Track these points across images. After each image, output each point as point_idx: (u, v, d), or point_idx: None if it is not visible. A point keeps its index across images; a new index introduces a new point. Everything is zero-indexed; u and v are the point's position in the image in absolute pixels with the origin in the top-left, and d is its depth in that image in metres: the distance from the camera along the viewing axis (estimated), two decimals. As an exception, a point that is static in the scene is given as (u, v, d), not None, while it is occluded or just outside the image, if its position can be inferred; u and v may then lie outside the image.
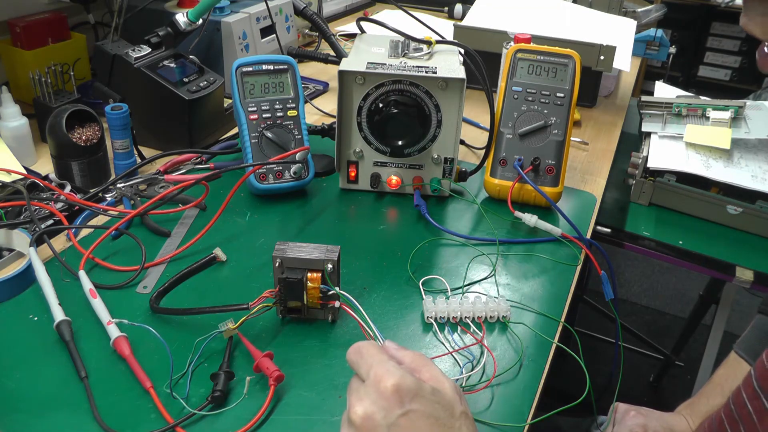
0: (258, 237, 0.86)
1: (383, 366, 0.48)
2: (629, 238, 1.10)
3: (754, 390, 0.60)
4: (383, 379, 0.47)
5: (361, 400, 0.47)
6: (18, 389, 0.61)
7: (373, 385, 0.47)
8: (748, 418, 0.60)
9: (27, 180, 0.89)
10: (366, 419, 0.46)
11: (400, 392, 0.46)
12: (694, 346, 1.91)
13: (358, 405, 0.47)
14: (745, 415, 0.61)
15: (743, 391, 0.62)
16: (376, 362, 0.48)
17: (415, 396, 0.47)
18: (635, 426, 0.87)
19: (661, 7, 1.77)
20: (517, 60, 0.96)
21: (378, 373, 0.47)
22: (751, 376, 0.61)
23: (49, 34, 1.17)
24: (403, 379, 0.47)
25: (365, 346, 0.51)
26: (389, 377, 0.47)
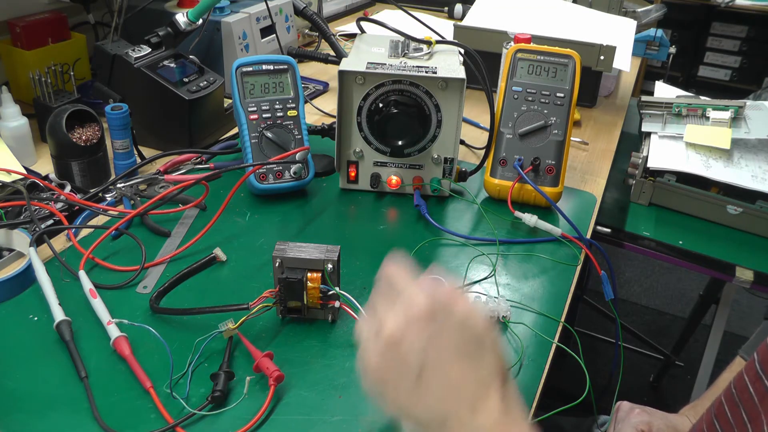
0: (258, 237, 0.86)
1: (417, 287, 0.48)
2: (629, 238, 1.10)
3: (757, 373, 0.60)
4: (416, 300, 0.47)
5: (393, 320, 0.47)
6: (18, 389, 0.61)
7: (406, 306, 0.47)
8: (749, 401, 0.60)
9: (27, 180, 0.89)
10: (397, 338, 0.46)
11: (433, 314, 0.47)
12: (694, 346, 1.91)
13: (390, 323, 0.47)
14: (746, 398, 0.61)
15: (745, 374, 0.62)
16: (411, 284, 0.49)
17: (446, 319, 0.47)
18: (640, 423, 0.87)
19: (661, 7, 1.77)
20: (517, 60, 0.96)
21: (412, 294, 0.48)
22: (754, 360, 0.61)
23: (49, 34, 1.17)
24: (436, 302, 0.47)
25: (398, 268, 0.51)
26: (423, 299, 0.47)
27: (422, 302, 0.47)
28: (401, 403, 0.47)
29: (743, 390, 0.61)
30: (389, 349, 0.47)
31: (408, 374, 0.46)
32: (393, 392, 0.47)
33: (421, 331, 0.46)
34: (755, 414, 0.59)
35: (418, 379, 0.46)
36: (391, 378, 0.47)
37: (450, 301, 0.49)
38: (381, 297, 0.50)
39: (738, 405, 0.62)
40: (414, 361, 0.46)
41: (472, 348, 0.47)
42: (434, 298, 0.47)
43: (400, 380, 0.46)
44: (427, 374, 0.46)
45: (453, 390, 0.46)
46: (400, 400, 0.47)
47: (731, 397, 0.63)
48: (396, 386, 0.47)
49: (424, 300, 0.47)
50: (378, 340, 0.47)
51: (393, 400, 0.47)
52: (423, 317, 0.47)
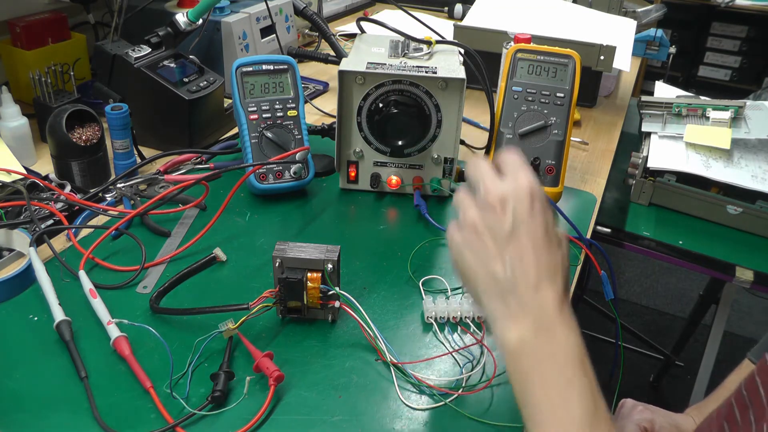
0: (258, 237, 0.86)
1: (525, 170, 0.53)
2: (629, 238, 1.10)
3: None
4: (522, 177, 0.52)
5: (501, 187, 0.52)
6: (18, 389, 0.61)
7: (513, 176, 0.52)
8: (758, 401, 0.60)
9: (27, 180, 0.89)
10: (500, 200, 0.51)
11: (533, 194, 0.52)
12: (694, 346, 1.91)
13: (497, 187, 0.52)
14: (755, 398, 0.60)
15: (757, 376, 0.62)
16: (519, 164, 0.53)
17: (541, 208, 0.52)
18: (643, 420, 0.87)
19: (661, 7, 1.77)
20: (517, 60, 0.96)
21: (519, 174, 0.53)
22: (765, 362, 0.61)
23: (49, 34, 1.17)
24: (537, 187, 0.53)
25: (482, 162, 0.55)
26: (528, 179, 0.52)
27: (529, 181, 0.52)
28: (484, 259, 0.51)
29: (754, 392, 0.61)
30: (491, 206, 0.51)
31: (500, 232, 0.51)
32: (480, 244, 0.51)
33: (523, 200, 0.51)
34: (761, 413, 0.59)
35: (507, 240, 0.51)
36: (484, 235, 0.51)
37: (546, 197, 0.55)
38: (488, 170, 0.54)
39: (748, 407, 0.62)
40: (509, 222, 0.51)
41: (555, 241, 0.53)
42: (538, 184, 0.53)
43: (491, 238, 0.51)
44: (516, 238, 0.51)
45: (529, 263, 0.50)
46: (485, 252, 0.51)
47: (741, 400, 0.63)
48: (485, 243, 0.51)
49: (531, 181, 0.52)
50: (484, 198, 0.52)
51: (477, 252, 0.51)
52: (528, 193, 0.52)
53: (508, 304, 0.51)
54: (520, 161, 0.54)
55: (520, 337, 0.50)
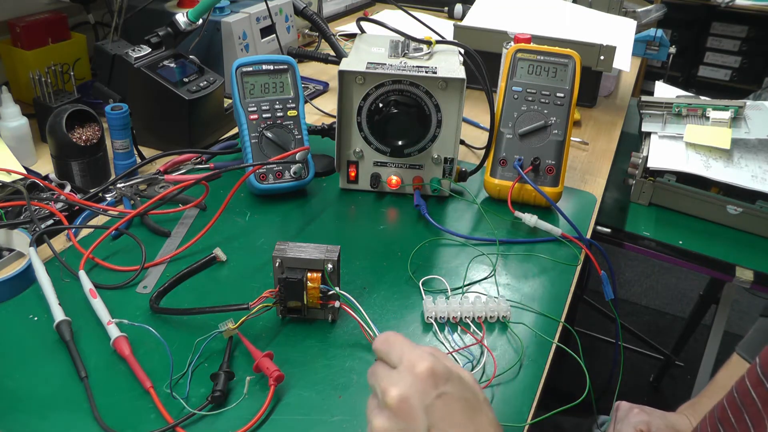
0: (258, 237, 0.86)
1: (416, 351, 0.49)
2: (629, 238, 1.10)
3: (758, 377, 0.60)
4: (417, 363, 0.48)
5: (396, 385, 0.47)
6: (18, 389, 0.61)
7: (407, 370, 0.48)
8: (752, 406, 0.60)
9: (27, 180, 0.89)
10: (402, 401, 0.47)
11: (435, 375, 0.48)
12: (694, 346, 1.91)
13: (393, 389, 0.47)
14: (748, 402, 0.61)
15: (747, 379, 0.62)
16: (408, 349, 0.49)
17: (447, 380, 0.48)
18: (639, 423, 0.87)
19: (661, 7, 1.77)
20: (517, 60, 0.96)
21: (411, 358, 0.48)
22: (756, 365, 0.61)
23: (49, 34, 1.17)
24: (436, 363, 0.48)
25: (393, 335, 0.52)
26: (423, 361, 0.48)
27: (422, 365, 0.48)
28: None
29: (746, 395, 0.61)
30: (397, 411, 0.47)
31: None
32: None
33: (426, 392, 0.47)
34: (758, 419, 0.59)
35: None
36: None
37: (448, 361, 0.50)
38: (381, 367, 0.50)
39: (741, 410, 0.62)
40: (422, 420, 0.46)
41: (475, 405, 0.49)
42: (432, 358, 0.48)
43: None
44: (437, 428, 0.46)
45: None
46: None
47: (734, 402, 0.63)
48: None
49: (425, 362, 0.48)
50: (385, 406, 0.47)
51: None
52: (427, 377, 0.47)
53: None
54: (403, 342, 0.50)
55: None
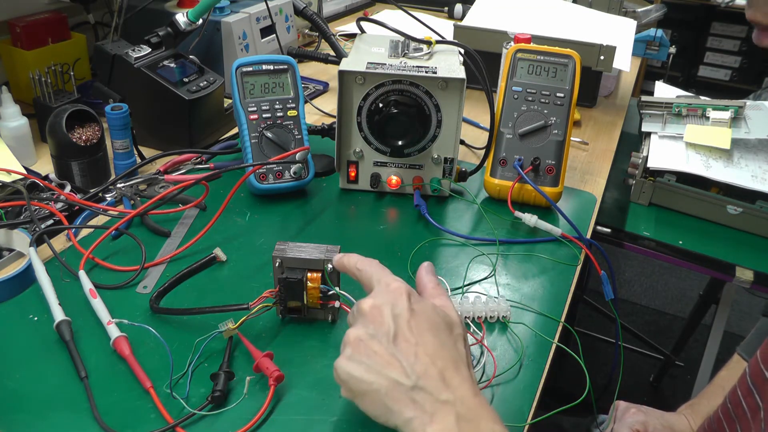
0: (258, 237, 0.86)
1: (393, 276, 0.54)
2: (629, 238, 1.10)
3: (748, 387, 0.60)
4: (392, 283, 0.53)
5: (371, 298, 0.52)
6: (18, 389, 0.61)
7: (383, 286, 0.53)
8: (743, 416, 0.60)
9: (27, 180, 0.89)
10: (373, 308, 0.51)
11: (408, 294, 0.52)
12: (694, 346, 1.91)
13: (367, 300, 0.52)
14: (740, 413, 0.61)
15: (738, 389, 0.62)
16: (386, 274, 0.55)
17: (419, 301, 0.52)
18: (635, 423, 0.87)
19: (661, 7, 1.77)
20: (517, 60, 0.96)
21: (388, 280, 0.53)
22: (746, 374, 0.61)
23: (49, 34, 1.17)
24: (410, 288, 0.53)
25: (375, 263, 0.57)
26: (399, 283, 0.53)
27: (397, 284, 0.53)
28: (376, 367, 0.49)
29: (737, 405, 0.62)
30: (368, 318, 0.51)
31: (384, 336, 0.49)
32: (368, 353, 0.49)
33: (396, 303, 0.51)
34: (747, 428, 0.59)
35: (394, 341, 0.49)
36: (369, 343, 0.49)
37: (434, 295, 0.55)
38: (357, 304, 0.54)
39: (734, 420, 0.62)
40: (390, 324, 0.50)
41: (445, 331, 0.51)
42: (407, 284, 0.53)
43: (377, 343, 0.49)
44: (402, 337, 0.49)
45: (425, 357, 0.48)
46: (375, 360, 0.49)
47: (727, 413, 0.64)
48: (372, 351, 0.49)
49: (400, 283, 0.53)
50: (358, 315, 0.52)
51: (368, 363, 0.49)
52: (400, 293, 0.52)
53: (421, 405, 0.47)
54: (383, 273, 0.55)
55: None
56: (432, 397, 0.47)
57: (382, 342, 0.49)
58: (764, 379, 0.58)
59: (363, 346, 0.50)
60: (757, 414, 0.58)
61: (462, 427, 0.46)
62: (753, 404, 0.59)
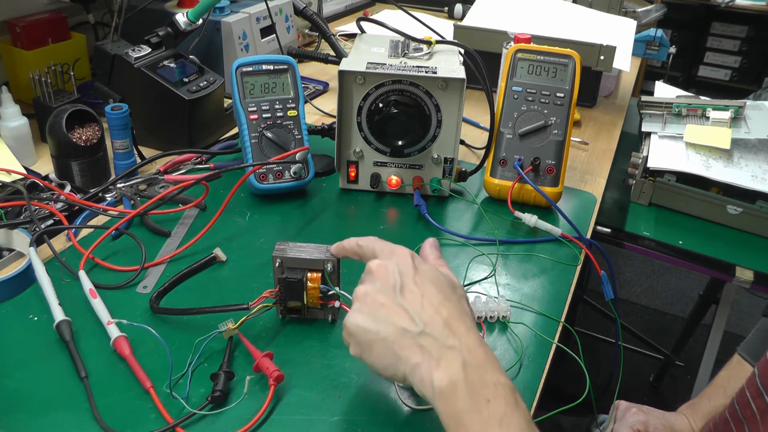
0: (258, 237, 0.86)
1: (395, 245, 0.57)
2: (629, 238, 1.10)
3: (758, 388, 0.60)
4: (396, 248, 0.56)
5: (378, 259, 0.55)
6: (18, 389, 0.61)
7: (388, 251, 0.55)
8: (752, 418, 0.60)
9: (27, 180, 0.89)
10: (380, 266, 0.53)
11: (413, 257, 0.55)
12: (694, 346, 1.91)
13: (374, 261, 0.55)
14: (749, 414, 0.61)
15: (747, 390, 0.62)
16: (388, 243, 0.57)
17: (422, 263, 0.55)
18: (636, 423, 0.87)
19: (661, 7, 1.78)
20: (517, 60, 0.96)
21: (391, 246, 0.56)
22: (755, 376, 0.61)
23: (49, 34, 1.17)
24: (413, 252, 0.56)
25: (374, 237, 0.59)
26: (402, 248, 0.56)
27: (406, 250, 0.55)
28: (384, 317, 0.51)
29: (745, 406, 0.61)
30: (375, 274, 0.53)
31: (390, 289, 0.51)
32: (374, 306, 0.51)
33: (403, 262, 0.53)
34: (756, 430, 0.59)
35: (401, 292, 0.51)
36: (375, 296, 0.52)
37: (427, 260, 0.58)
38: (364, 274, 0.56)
39: (742, 422, 0.62)
40: (396, 278, 0.52)
41: (448, 288, 0.53)
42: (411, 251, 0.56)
43: (383, 295, 0.51)
44: (408, 289, 0.51)
45: (430, 306, 0.50)
46: (382, 312, 0.51)
47: (735, 414, 0.63)
48: (379, 302, 0.51)
49: (407, 249, 0.55)
50: (366, 274, 0.54)
51: (375, 315, 0.51)
52: (405, 255, 0.54)
53: (428, 350, 0.49)
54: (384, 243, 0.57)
55: (451, 378, 0.47)
56: (438, 343, 0.49)
57: (389, 294, 0.51)
58: None
59: (370, 299, 0.52)
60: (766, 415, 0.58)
61: (468, 373, 0.47)
62: (762, 406, 0.59)
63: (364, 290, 0.53)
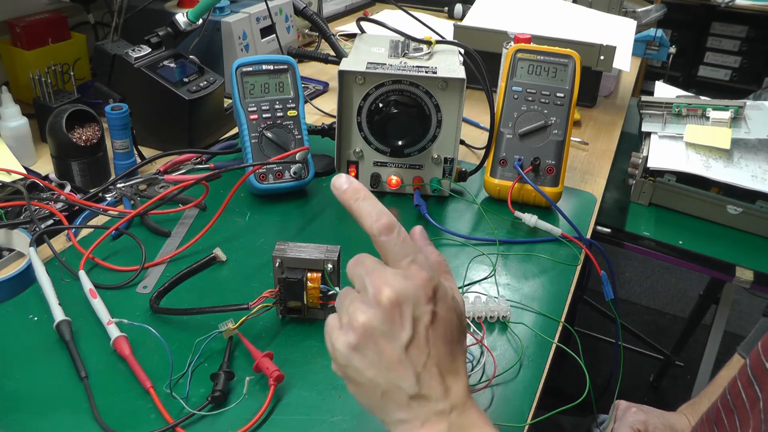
0: (258, 237, 0.86)
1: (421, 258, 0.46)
2: (629, 238, 1.10)
3: (749, 378, 0.60)
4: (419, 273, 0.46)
5: (392, 285, 0.45)
6: (18, 389, 0.61)
7: (414, 271, 0.46)
8: (742, 407, 0.60)
9: (27, 180, 0.89)
10: (395, 305, 0.45)
11: (435, 290, 0.46)
12: (694, 346, 1.91)
13: (387, 288, 0.45)
14: (739, 404, 0.61)
15: (738, 380, 0.62)
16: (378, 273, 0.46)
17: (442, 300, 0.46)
18: (636, 422, 0.87)
19: (661, 7, 1.77)
20: (517, 60, 0.96)
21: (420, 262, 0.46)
22: (746, 366, 0.61)
23: (49, 34, 1.17)
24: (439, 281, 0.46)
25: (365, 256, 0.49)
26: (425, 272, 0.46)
27: (428, 275, 0.46)
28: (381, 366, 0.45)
29: (737, 396, 0.62)
30: (386, 312, 0.45)
31: (397, 340, 0.45)
32: (376, 350, 0.45)
33: (421, 302, 0.45)
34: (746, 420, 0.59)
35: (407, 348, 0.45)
36: (379, 340, 0.45)
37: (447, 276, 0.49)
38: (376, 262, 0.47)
39: (733, 412, 0.62)
40: (408, 329, 0.45)
41: (458, 334, 0.48)
42: (437, 277, 0.46)
43: (388, 343, 0.45)
44: (416, 345, 0.45)
45: (433, 368, 0.46)
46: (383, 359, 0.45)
47: (727, 404, 0.64)
48: (381, 348, 0.45)
49: (430, 273, 0.46)
50: (376, 303, 0.45)
51: (373, 360, 0.45)
52: (427, 289, 0.45)
53: (417, 411, 0.46)
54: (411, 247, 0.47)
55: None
56: (429, 406, 0.46)
57: (394, 344, 0.45)
58: (765, 370, 0.58)
59: (372, 340, 0.45)
60: (756, 405, 0.58)
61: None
62: (753, 395, 0.59)
63: (368, 323, 0.45)
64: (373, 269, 0.47)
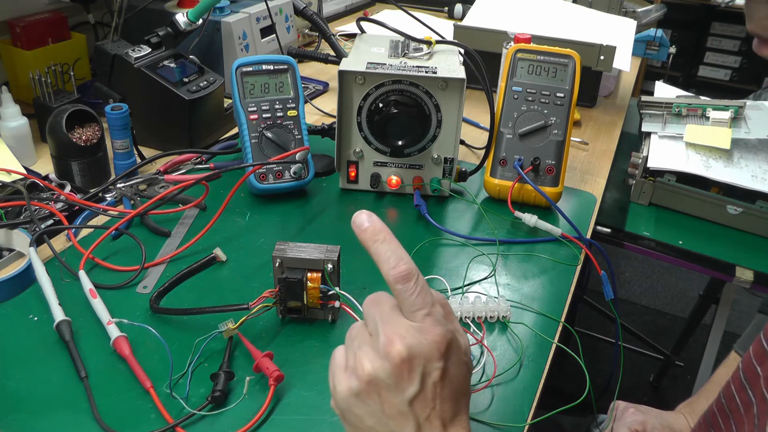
0: (258, 237, 0.86)
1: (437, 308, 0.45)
2: (629, 238, 1.10)
3: (741, 382, 0.60)
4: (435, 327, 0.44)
5: (404, 339, 0.43)
6: (18, 389, 0.61)
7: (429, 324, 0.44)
8: (737, 411, 0.60)
9: (27, 180, 0.89)
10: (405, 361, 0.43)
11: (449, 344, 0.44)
12: (694, 346, 1.91)
13: (399, 342, 0.43)
14: (734, 408, 0.61)
15: (732, 384, 0.62)
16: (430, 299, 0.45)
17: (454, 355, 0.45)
18: (634, 423, 0.87)
19: (661, 7, 1.77)
20: (517, 60, 0.96)
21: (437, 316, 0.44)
22: (739, 370, 0.61)
23: (49, 34, 1.17)
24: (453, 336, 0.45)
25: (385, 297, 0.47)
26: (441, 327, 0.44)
27: (443, 330, 0.44)
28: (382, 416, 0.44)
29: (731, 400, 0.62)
30: (395, 366, 0.43)
31: (402, 394, 0.44)
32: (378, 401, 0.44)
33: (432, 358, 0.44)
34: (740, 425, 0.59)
35: (411, 402, 0.44)
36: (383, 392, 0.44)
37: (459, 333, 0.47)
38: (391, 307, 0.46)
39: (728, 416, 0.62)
40: (416, 385, 0.43)
41: (465, 389, 0.47)
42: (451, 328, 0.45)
43: (392, 395, 0.44)
44: (422, 399, 0.44)
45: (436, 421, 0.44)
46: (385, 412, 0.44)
47: (722, 408, 0.64)
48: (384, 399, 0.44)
49: (445, 328, 0.44)
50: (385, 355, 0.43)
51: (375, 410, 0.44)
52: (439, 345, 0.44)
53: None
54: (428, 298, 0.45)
55: None
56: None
57: (399, 398, 0.43)
58: (756, 374, 0.58)
59: (376, 391, 0.44)
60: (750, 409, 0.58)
61: None
62: (746, 399, 0.59)
63: (373, 375, 0.43)
64: (388, 319, 0.45)
